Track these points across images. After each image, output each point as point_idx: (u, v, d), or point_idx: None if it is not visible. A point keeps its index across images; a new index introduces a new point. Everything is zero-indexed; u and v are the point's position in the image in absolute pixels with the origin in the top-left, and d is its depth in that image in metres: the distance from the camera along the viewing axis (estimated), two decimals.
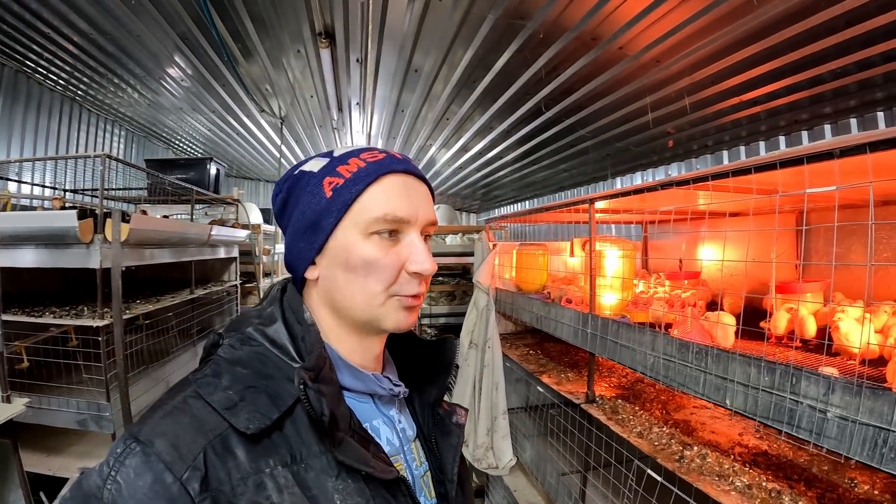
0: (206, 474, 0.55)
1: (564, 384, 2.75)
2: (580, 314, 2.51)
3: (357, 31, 3.47)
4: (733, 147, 4.61)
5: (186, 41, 3.88)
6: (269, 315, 0.73)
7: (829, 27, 2.60)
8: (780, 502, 1.55)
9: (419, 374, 0.87)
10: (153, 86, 5.10)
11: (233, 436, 0.59)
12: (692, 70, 3.29)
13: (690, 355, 1.78)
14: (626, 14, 2.78)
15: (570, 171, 6.80)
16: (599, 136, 4.82)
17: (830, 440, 1.29)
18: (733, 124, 4.07)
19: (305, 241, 0.72)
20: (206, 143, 7.68)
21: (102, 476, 0.55)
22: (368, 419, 0.74)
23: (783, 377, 1.43)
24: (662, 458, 1.85)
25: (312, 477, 0.61)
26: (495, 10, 2.90)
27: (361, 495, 0.63)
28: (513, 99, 4.27)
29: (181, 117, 6.26)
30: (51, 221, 3.01)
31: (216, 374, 0.65)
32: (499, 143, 5.82)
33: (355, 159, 0.72)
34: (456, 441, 0.82)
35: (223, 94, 5.09)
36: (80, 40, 4.07)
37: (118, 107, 6.13)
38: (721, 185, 2.00)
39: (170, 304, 4.12)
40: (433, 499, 0.79)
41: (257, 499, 0.56)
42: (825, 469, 1.77)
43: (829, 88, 3.20)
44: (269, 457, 0.60)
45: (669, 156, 5.29)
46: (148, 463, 0.54)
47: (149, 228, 3.49)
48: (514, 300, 3.57)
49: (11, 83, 5.03)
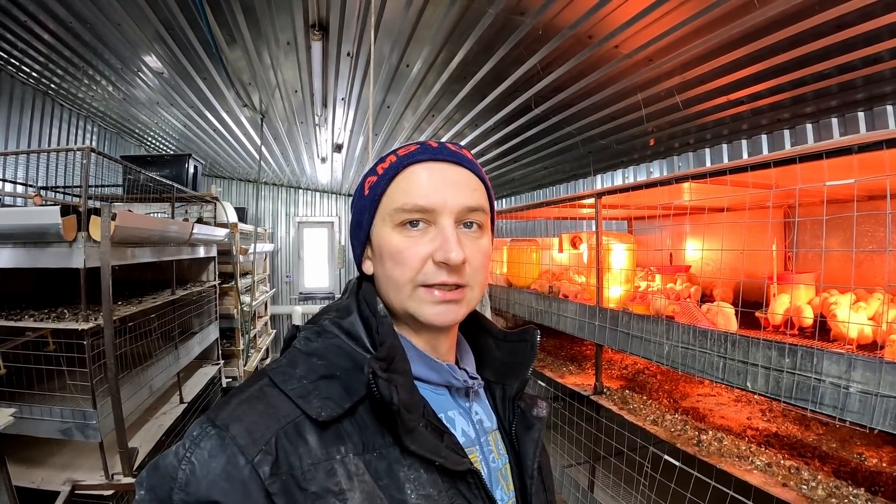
0: (276, 458, 0.56)
1: (568, 377, 2.79)
2: (586, 307, 2.56)
3: (353, 25, 3.43)
4: (715, 145, 4.74)
5: (171, 30, 3.74)
6: (346, 307, 0.75)
7: (815, 32, 2.72)
8: (800, 477, 1.62)
9: (500, 366, 0.87)
10: (129, 78, 4.90)
11: (305, 423, 0.60)
12: (682, 70, 3.38)
13: (709, 342, 1.84)
14: (626, 13, 2.84)
15: (549, 169, 6.87)
16: (584, 133, 4.89)
17: (853, 413, 1.37)
18: (716, 123, 4.20)
19: (355, 238, 0.78)
20: (179, 140, 7.44)
21: (178, 457, 0.58)
22: (443, 410, 0.74)
23: (805, 358, 1.51)
24: (681, 443, 1.90)
25: (385, 466, 0.62)
26: (496, 5, 2.92)
27: (434, 486, 0.63)
28: (501, 96, 4.29)
29: (156, 112, 6.04)
30: (31, 219, 2.88)
31: (291, 364, 0.67)
32: (480, 141, 5.83)
33: (392, 155, 0.74)
34: (537, 434, 0.82)
35: (203, 88, 4.93)
36: (57, 29, 3.89)
37: (91, 101, 5.88)
38: (717, 181, 2.09)
39: (152, 306, 4.02)
40: (511, 492, 0.79)
41: (327, 484, 0.57)
42: (833, 447, 1.86)
43: (812, 90, 3.34)
44: (340, 444, 0.61)
45: (651, 154, 5.41)
46: (223, 445, 0.57)
47: (134, 226, 3.38)
48: (508, 295, 3.61)
49: None
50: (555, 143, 5.44)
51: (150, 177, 4.44)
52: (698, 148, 4.97)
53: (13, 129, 5.27)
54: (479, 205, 0.74)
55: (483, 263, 0.75)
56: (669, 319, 2.07)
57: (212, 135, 6.87)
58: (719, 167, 1.88)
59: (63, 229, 2.79)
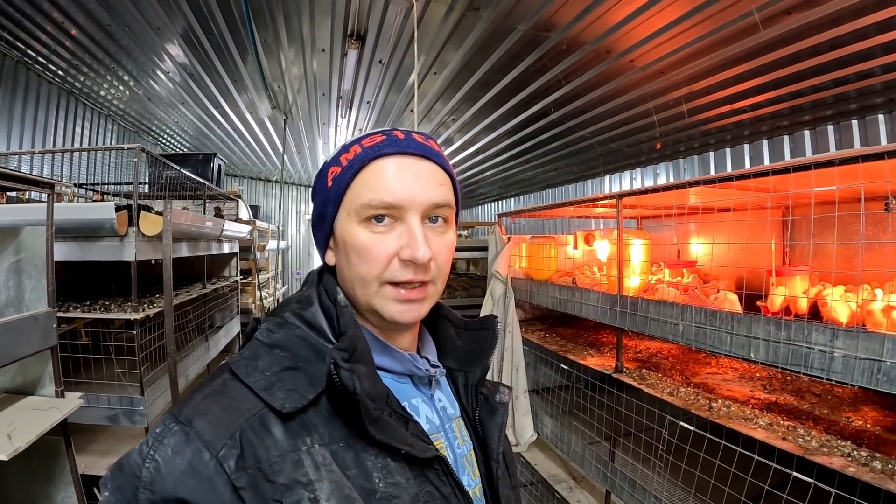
0: (242, 452, 0.56)
1: (589, 360, 3.09)
2: (608, 295, 2.86)
3: (389, 35, 3.71)
4: (719, 149, 5.08)
5: (209, 34, 3.95)
6: (307, 298, 0.74)
7: (812, 51, 3.04)
8: (797, 434, 1.94)
9: (461, 353, 0.87)
10: (154, 76, 5.09)
11: (270, 415, 0.60)
12: (690, 82, 3.70)
13: (718, 321, 2.16)
14: (643, 31, 3.14)
15: (559, 170, 7.19)
16: (597, 136, 5.21)
17: (837, 374, 1.71)
18: (719, 129, 4.53)
19: (318, 229, 0.77)
20: (195, 138, 7.66)
21: (142, 455, 0.56)
22: (407, 398, 0.74)
23: (798, 331, 1.85)
24: (695, 409, 2.21)
25: (352, 456, 0.62)
26: (525, 23, 3.22)
27: (402, 474, 0.64)
28: (520, 103, 4.60)
29: (175, 109, 6.27)
30: (87, 213, 3.02)
31: (254, 357, 0.65)
32: (494, 144, 6.13)
33: (356, 146, 0.72)
34: (500, 420, 0.83)
35: (230, 87, 5.13)
36: (88, 26, 4.03)
37: (112, 100, 6.09)
38: (723, 185, 2.41)
39: (188, 299, 4.19)
40: (477, 478, 0.79)
41: (295, 476, 0.57)
42: (825, 412, 2.18)
43: (809, 101, 3.67)
44: (306, 435, 0.61)
45: (657, 156, 5.74)
46: (186, 441, 0.56)
47: (181, 222, 3.57)
48: (531, 287, 3.91)
49: (11, 73, 5.00)
50: (566, 145, 5.76)
51: (185, 174, 4.61)
52: (703, 151, 5.30)
53: (39, 127, 5.47)
54: (446, 201, 0.72)
55: (448, 258, 0.75)
56: (684, 305, 2.38)
57: (231, 133, 7.12)
58: (728, 174, 2.18)
59: (117, 224, 2.95)
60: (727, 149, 5.00)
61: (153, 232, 3.19)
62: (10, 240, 2.42)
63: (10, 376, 2.44)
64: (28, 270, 2.42)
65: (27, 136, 5.29)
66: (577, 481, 3.44)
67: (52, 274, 2.40)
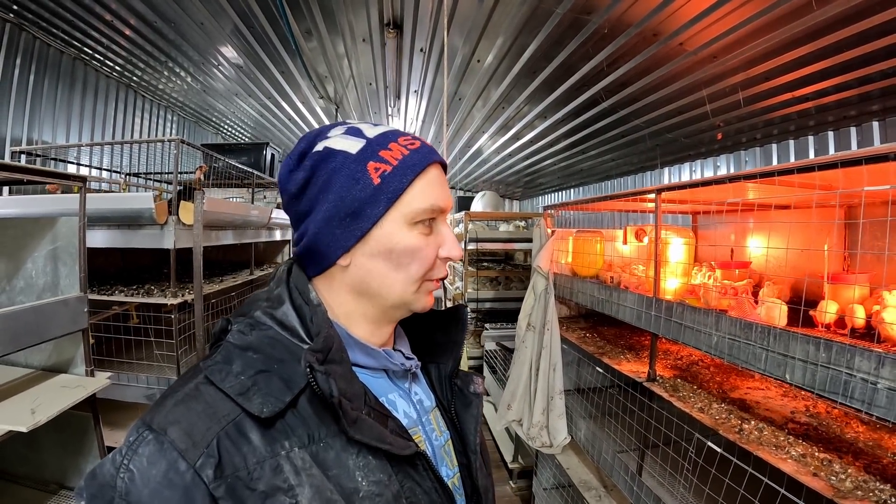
0: (220, 460, 0.55)
1: (624, 364, 2.91)
2: (644, 297, 2.67)
3: (426, 22, 3.63)
4: (782, 141, 4.67)
5: (251, 28, 4.03)
6: (277, 297, 0.72)
7: (881, 30, 2.69)
8: (831, 469, 1.71)
9: (434, 345, 0.88)
10: (208, 70, 5.28)
11: (247, 421, 0.59)
12: (747, 66, 3.39)
13: (753, 334, 1.95)
14: (689, 12, 2.90)
15: (617, 161, 6.90)
16: (651, 126, 4.93)
17: (881, 409, 1.47)
18: (782, 119, 4.15)
19: (344, 227, 0.69)
20: (255, 128, 7.92)
21: (115, 465, 0.55)
22: (384, 393, 0.74)
23: (839, 353, 1.61)
24: (723, 430, 2.02)
25: (332, 456, 0.62)
26: (563, 5, 3.04)
27: (383, 471, 0.64)
28: (570, 90, 4.41)
29: (233, 102, 6.47)
30: (127, 203, 3.13)
31: (227, 360, 0.64)
32: (549, 132, 5.95)
33: (396, 145, 0.71)
34: (476, 411, 0.84)
35: (280, 79, 5.26)
36: (140, 26, 4.21)
37: (171, 92, 6.36)
38: (782, 179, 2.15)
39: (232, 285, 4.29)
40: (455, 468, 0.80)
41: (275, 482, 0.56)
42: (870, 444, 1.93)
43: (878, 87, 3.28)
44: (284, 439, 0.60)
45: (718, 147, 5.37)
46: (161, 451, 0.54)
47: (218, 211, 3.62)
48: (572, 284, 3.73)
49: (69, 70, 5.26)
50: (622, 135, 5.49)
51: (231, 164, 4.75)
52: (765, 143, 4.90)
53: (98, 119, 5.76)
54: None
55: None
56: (721, 312, 2.17)
57: (287, 123, 7.27)
58: (770, 169, 1.94)
59: (156, 213, 3.04)
60: (790, 140, 4.58)
61: (192, 221, 3.25)
62: (48, 229, 2.54)
63: (46, 355, 2.58)
64: (63, 258, 2.54)
65: (86, 128, 5.58)
66: (607, 490, 3.28)
67: (83, 261, 2.50)
